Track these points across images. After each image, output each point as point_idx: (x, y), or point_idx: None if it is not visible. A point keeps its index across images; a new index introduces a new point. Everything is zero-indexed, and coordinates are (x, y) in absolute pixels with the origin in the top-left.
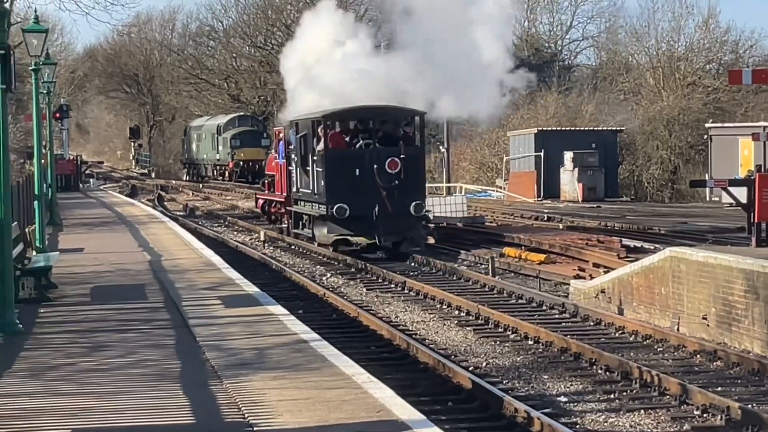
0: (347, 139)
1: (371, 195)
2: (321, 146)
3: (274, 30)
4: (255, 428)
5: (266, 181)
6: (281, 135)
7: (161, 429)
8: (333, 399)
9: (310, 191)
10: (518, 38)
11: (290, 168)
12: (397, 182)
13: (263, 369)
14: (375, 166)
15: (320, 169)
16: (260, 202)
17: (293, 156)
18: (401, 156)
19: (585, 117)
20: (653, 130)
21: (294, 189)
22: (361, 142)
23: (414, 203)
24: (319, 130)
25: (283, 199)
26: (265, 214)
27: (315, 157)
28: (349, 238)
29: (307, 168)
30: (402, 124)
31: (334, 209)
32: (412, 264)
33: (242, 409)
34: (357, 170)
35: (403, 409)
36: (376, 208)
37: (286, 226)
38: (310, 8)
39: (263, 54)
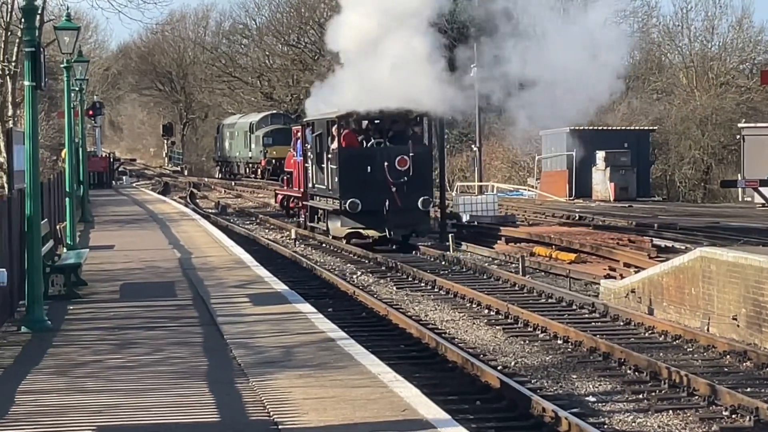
0: (360, 138)
1: (382, 191)
2: (335, 145)
3: (307, 28)
4: (280, 426)
5: (285, 178)
6: (299, 134)
7: (187, 426)
8: (358, 398)
9: (324, 187)
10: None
11: (306, 165)
12: (406, 179)
13: (289, 367)
14: (385, 164)
15: (334, 167)
16: (279, 197)
17: (309, 154)
18: (410, 154)
19: (617, 116)
20: (686, 129)
21: (310, 185)
22: (373, 141)
23: (422, 198)
24: (333, 129)
25: (300, 195)
26: (283, 208)
27: (329, 155)
28: (361, 231)
29: (322, 165)
30: (411, 125)
31: (347, 204)
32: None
33: (267, 407)
34: (368, 167)
35: (428, 409)
36: (387, 203)
37: (303, 219)
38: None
39: (296, 52)
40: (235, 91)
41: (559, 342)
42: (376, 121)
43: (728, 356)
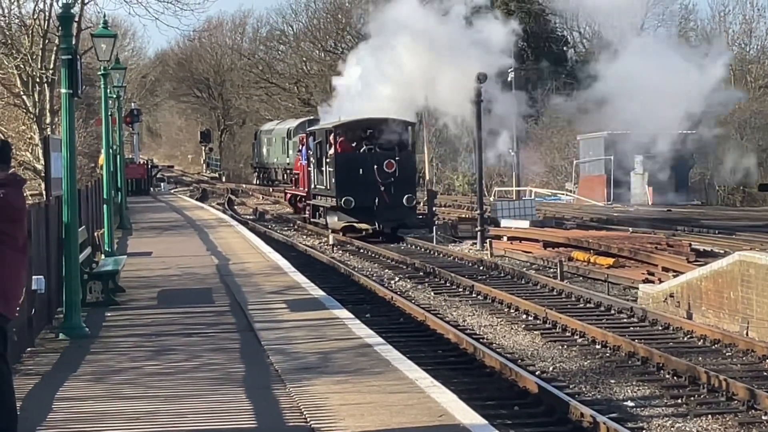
0: (353, 144)
1: (372, 190)
2: (332, 151)
3: (344, 34)
4: None
5: (294, 179)
6: (304, 141)
7: None
8: (395, 403)
9: (324, 187)
10: (588, 41)
11: (309, 168)
12: (393, 179)
13: (327, 373)
14: (375, 167)
15: (331, 169)
16: (288, 195)
17: (311, 158)
18: (396, 158)
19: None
20: (725, 133)
21: (312, 185)
22: (365, 147)
23: (406, 196)
24: (331, 137)
25: (304, 194)
26: (291, 205)
27: (328, 160)
28: (354, 224)
29: (322, 168)
30: (397, 133)
31: (342, 201)
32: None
33: (305, 413)
34: (361, 170)
35: (465, 414)
36: (376, 200)
37: (307, 216)
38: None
39: (333, 58)
40: (272, 98)
41: (598, 347)
42: (369, 129)
43: (767, 360)
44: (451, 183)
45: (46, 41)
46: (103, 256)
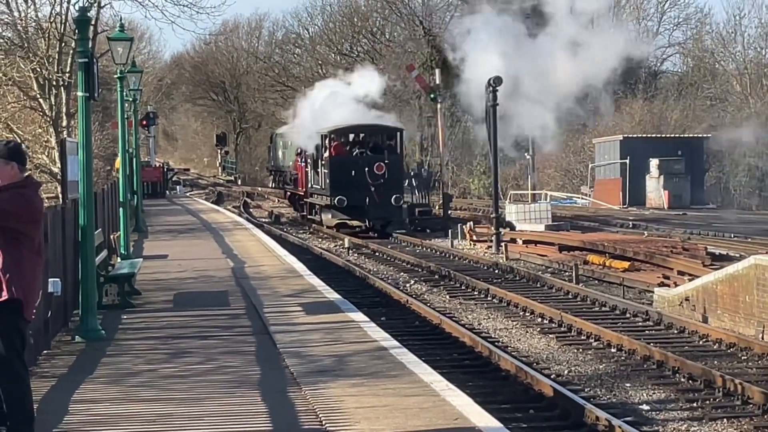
0: (347, 148)
1: (363, 190)
2: (327, 154)
3: (360, 37)
4: None
5: (293, 179)
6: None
7: None
8: (411, 406)
9: (319, 187)
10: None
11: (307, 170)
12: (382, 180)
13: (342, 376)
14: (366, 169)
15: (326, 171)
16: (288, 194)
17: (308, 160)
18: (385, 161)
19: (670, 124)
20: (740, 136)
21: (309, 185)
22: (357, 150)
23: (394, 196)
24: (326, 141)
25: (302, 193)
26: (291, 203)
27: (323, 162)
28: (347, 221)
29: (318, 170)
30: (387, 138)
31: (336, 200)
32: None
33: (320, 416)
34: (353, 171)
35: (480, 417)
36: (367, 200)
37: (305, 213)
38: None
39: (349, 61)
40: (288, 101)
41: (613, 350)
42: (361, 135)
43: None
44: (467, 186)
45: (63, 44)
46: (119, 259)
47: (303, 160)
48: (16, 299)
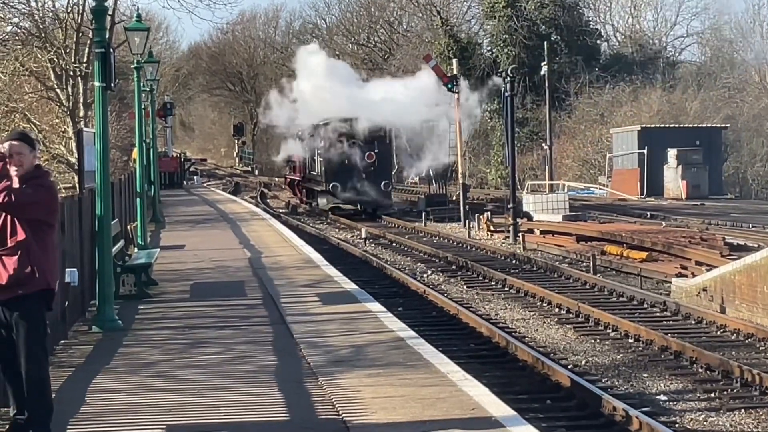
0: (340, 138)
1: (355, 176)
2: (322, 144)
3: (377, 27)
4: (349, 425)
5: (292, 166)
6: (302, 134)
7: (256, 425)
8: (427, 397)
9: (315, 173)
10: (622, 35)
11: (305, 157)
12: (373, 168)
13: (359, 366)
14: (358, 158)
15: (321, 159)
16: (288, 180)
17: (306, 149)
18: (376, 150)
19: (689, 114)
20: (759, 126)
21: (307, 172)
22: (350, 140)
23: (383, 182)
24: (321, 131)
25: (301, 179)
26: (290, 188)
27: (318, 151)
28: (340, 205)
29: (314, 158)
30: (377, 129)
31: (330, 186)
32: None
33: (337, 406)
34: (346, 160)
35: (497, 407)
36: (359, 185)
37: (303, 197)
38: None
39: (366, 51)
40: None
41: (630, 341)
42: (353, 125)
43: None
44: (484, 177)
45: (80, 35)
46: (136, 249)
47: (302, 148)
48: (50, 290)
